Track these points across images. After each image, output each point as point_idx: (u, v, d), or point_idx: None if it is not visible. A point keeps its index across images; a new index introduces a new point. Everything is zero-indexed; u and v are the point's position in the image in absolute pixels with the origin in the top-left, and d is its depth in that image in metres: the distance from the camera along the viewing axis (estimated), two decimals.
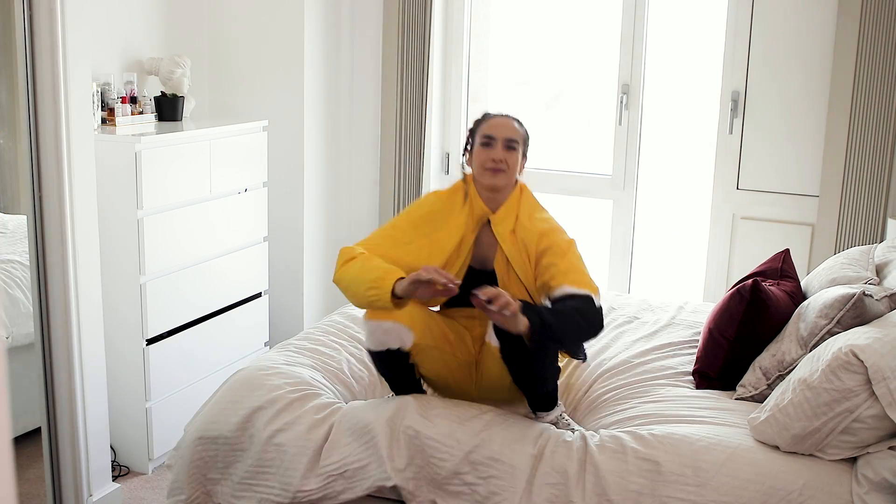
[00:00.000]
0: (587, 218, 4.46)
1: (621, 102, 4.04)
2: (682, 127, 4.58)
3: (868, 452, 2.14)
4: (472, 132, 2.57)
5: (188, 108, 3.64)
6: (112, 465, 3.18)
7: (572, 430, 2.38)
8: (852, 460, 2.18)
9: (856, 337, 2.19)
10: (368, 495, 2.37)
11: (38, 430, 2.94)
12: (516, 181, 2.57)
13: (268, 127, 3.79)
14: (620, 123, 4.06)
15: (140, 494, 3.18)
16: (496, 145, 2.48)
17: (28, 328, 2.99)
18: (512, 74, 4.62)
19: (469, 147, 2.57)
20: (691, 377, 2.73)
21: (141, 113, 3.45)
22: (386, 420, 2.37)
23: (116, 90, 3.40)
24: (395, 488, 2.34)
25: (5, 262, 3.16)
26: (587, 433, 2.35)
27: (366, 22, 4.22)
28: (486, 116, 2.58)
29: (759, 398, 2.48)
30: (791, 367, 2.43)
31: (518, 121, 2.57)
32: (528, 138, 2.58)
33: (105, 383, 3.00)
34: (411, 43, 4.08)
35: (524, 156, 2.57)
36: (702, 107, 4.27)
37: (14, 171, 3.24)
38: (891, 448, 2.12)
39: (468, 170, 2.59)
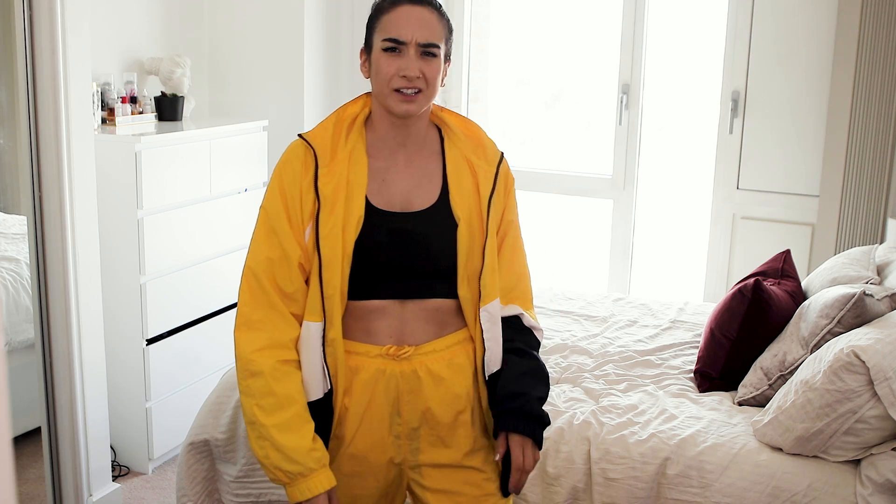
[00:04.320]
0: (587, 218, 4.46)
1: (621, 102, 4.04)
2: (682, 127, 4.59)
3: (872, 454, 2.14)
4: (369, 25, 1.73)
5: (188, 108, 3.64)
6: (112, 465, 3.18)
7: None
8: (856, 462, 2.18)
9: (857, 338, 2.19)
10: None
11: (38, 430, 2.94)
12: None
13: (268, 127, 3.79)
14: (620, 123, 4.06)
15: (140, 494, 3.18)
16: (407, 52, 1.65)
17: (28, 329, 2.99)
18: (512, 74, 4.62)
19: (367, 48, 1.73)
20: (692, 377, 2.73)
21: (141, 113, 3.45)
22: None
23: (116, 90, 3.40)
24: None
25: (10, 260, 3.16)
26: (590, 436, 2.35)
27: (365, 21, 4.21)
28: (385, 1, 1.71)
29: (761, 398, 2.48)
30: (792, 367, 2.43)
31: (436, 5, 1.71)
32: (451, 30, 1.73)
33: (105, 383, 3.00)
34: None
35: (447, 57, 1.73)
36: (702, 107, 4.28)
37: (14, 171, 3.24)
38: (894, 449, 2.12)
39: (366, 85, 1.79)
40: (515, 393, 1.71)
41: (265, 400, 1.65)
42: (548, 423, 1.74)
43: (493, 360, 1.74)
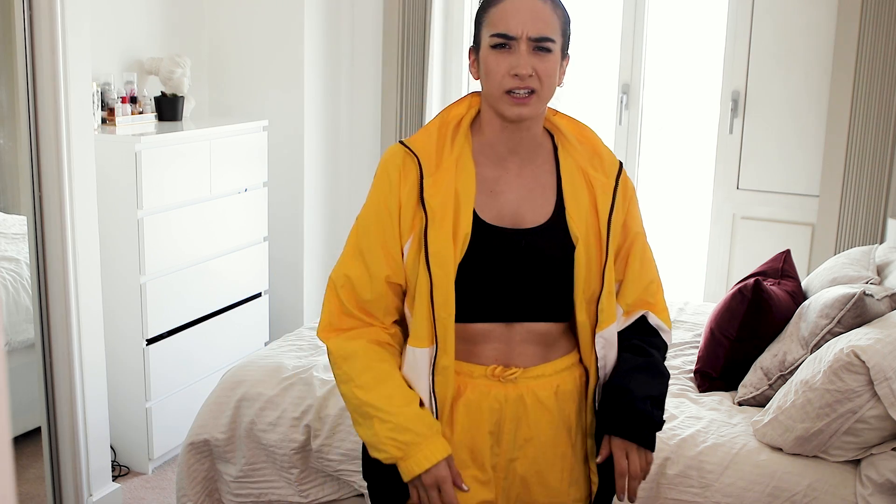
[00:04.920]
0: None
1: (621, 102, 4.04)
2: (682, 127, 4.59)
3: (871, 454, 2.14)
4: (477, 21, 1.57)
5: (188, 108, 3.64)
6: (112, 465, 3.18)
7: None
8: (856, 462, 2.18)
9: (857, 338, 2.19)
10: None
11: (38, 430, 2.94)
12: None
13: (268, 127, 3.79)
14: (620, 123, 4.06)
15: (140, 494, 3.18)
16: (517, 48, 1.49)
17: (28, 329, 2.99)
18: None
19: (475, 46, 1.57)
20: (692, 377, 2.73)
21: (141, 113, 3.45)
22: None
23: (116, 90, 3.40)
24: None
25: (10, 260, 3.16)
26: None
27: (366, 22, 4.21)
28: None
29: (761, 398, 2.48)
30: (792, 367, 2.43)
31: None
32: (569, 22, 1.57)
33: (105, 383, 3.00)
34: (411, 43, 4.08)
35: (565, 54, 1.57)
36: (702, 107, 4.28)
37: (14, 171, 3.24)
38: (894, 449, 2.12)
39: (472, 85, 1.67)
40: (620, 389, 1.57)
41: (363, 377, 1.53)
42: (658, 424, 1.58)
43: None
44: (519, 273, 1.54)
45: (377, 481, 1.62)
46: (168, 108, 3.53)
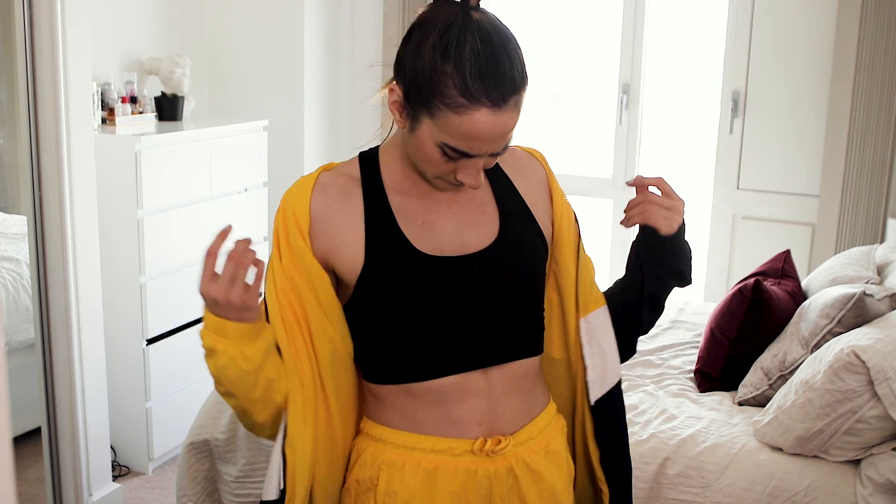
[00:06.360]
0: (587, 218, 4.46)
1: (621, 102, 4.04)
2: (682, 127, 4.58)
3: (872, 454, 2.14)
4: (423, 93, 1.21)
5: (188, 108, 3.64)
6: (112, 465, 3.18)
7: None
8: (856, 462, 2.18)
9: (857, 338, 2.19)
10: None
11: (38, 430, 2.94)
12: None
13: (268, 127, 3.79)
14: (620, 123, 4.06)
15: (140, 494, 3.18)
16: (472, 160, 1.25)
17: (28, 329, 2.99)
18: None
19: (410, 107, 1.24)
20: (693, 377, 2.73)
21: (141, 113, 3.45)
22: None
23: (116, 90, 3.40)
24: None
25: (10, 260, 3.16)
26: None
27: (366, 22, 4.21)
28: (462, 73, 1.17)
29: (761, 398, 2.48)
30: (792, 367, 2.43)
31: (522, 87, 1.21)
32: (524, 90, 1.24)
33: (105, 383, 3.00)
34: None
35: None
36: (702, 107, 4.28)
37: (14, 171, 3.24)
38: (894, 449, 2.12)
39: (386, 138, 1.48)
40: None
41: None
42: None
43: (609, 375, 1.42)
44: (480, 304, 1.33)
45: None
46: (168, 108, 3.53)
